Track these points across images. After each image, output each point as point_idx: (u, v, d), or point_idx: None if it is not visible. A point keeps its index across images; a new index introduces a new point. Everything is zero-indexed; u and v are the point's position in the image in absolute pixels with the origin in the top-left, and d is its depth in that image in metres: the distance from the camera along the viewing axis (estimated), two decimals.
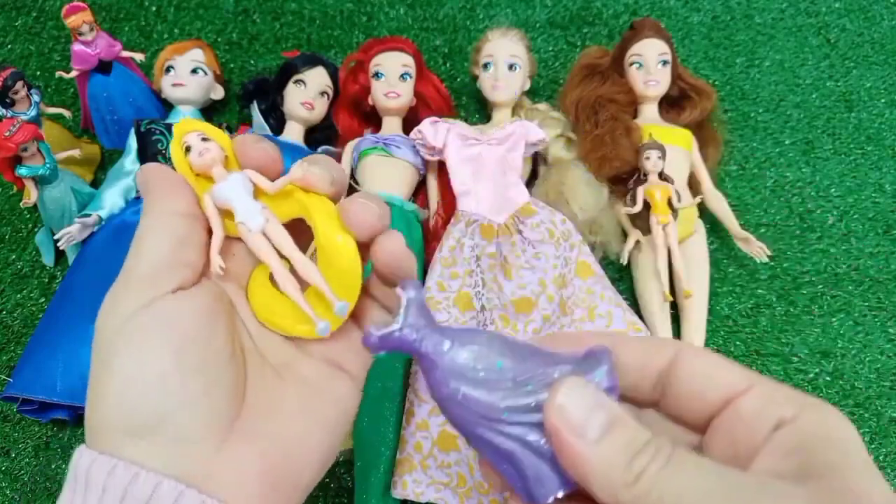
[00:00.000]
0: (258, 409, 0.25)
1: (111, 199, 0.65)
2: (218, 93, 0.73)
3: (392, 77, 0.67)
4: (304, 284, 0.26)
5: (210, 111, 0.76)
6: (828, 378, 0.62)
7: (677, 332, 0.63)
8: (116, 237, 0.63)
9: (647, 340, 0.23)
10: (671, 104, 0.72)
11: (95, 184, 0.70)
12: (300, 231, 0.27)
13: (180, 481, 0.22)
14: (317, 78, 0.68)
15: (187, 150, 0.27)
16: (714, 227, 0.69)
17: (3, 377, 0.61)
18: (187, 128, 0.28)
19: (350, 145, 0.68)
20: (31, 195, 0.61)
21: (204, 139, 0.27)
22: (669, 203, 0.62)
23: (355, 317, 0.28)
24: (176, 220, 0.25)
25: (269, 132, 0.68)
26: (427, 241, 0.66)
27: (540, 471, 0.21)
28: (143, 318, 0.23)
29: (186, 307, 0.24)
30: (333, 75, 0.70)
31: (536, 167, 0.71)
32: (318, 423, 0.26)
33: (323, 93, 0.69)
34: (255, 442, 0.24)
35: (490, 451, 0.22)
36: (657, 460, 0.19)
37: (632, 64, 0.69)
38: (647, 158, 0.63)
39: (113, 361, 0.23)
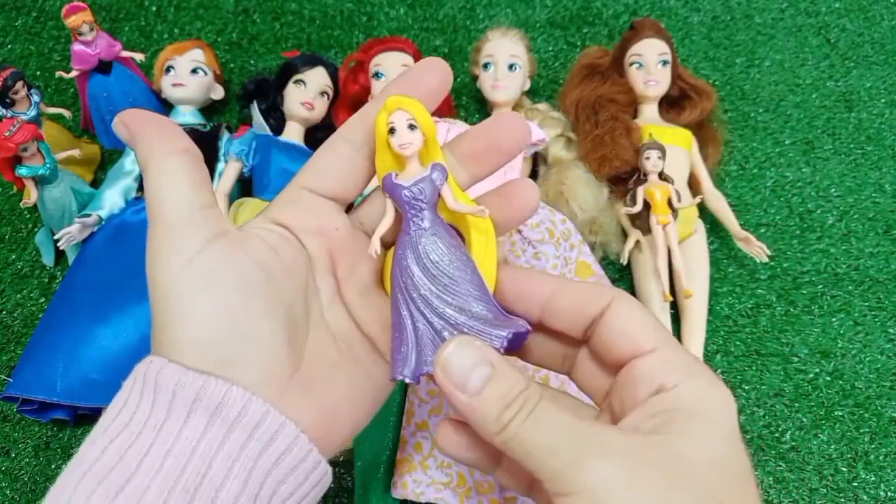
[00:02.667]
0: (316, 370, 0.26)
1: (111, 199, 0.65)
2: (218, 93, 0.73)
3: (392, 77, 0.67)
4: None
5: (210, 111, 0.76)
6: (828, 378, 0.62)
7: (677, 332, 0.63)
8: (116, 237, 0.63)
9: (588, 288, 0.26)
10: (671, 104, 0.72)
11: (95, 184, 0.70)
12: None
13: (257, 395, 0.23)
14: (317, 78, 0.68)
15: (391, 130, 0.27)
16: (714, 227, 0.69)
17: (3, 377, 0.61)
18: (399, 104, 0.27)
19: None
20: (31, 195, 0.61)
21: (412, 126, 0.26)
22: (669, 203, 0.62)
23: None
24: (183, 159, 0.25)
25: (269, 132, 0.68)
26: None
27: (410, 355, 0.26)
28: (202, 261, 0.24)
29: (243, 251, 0.25)
30: (333, 75, 0.70)
31: (536, 167, 0.71)
32: (359, 398, 0.28)
33: (323, 93, 0.69)
34: (311, 398, 0.25)
35: (396, 316, 0.27)
36: (520, 414, 0.22)
37: (632, 64, 0.69)
38: (647, 158, 0.63)
39: (177, 306, 0.23)
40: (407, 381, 0.26)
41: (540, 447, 0.22)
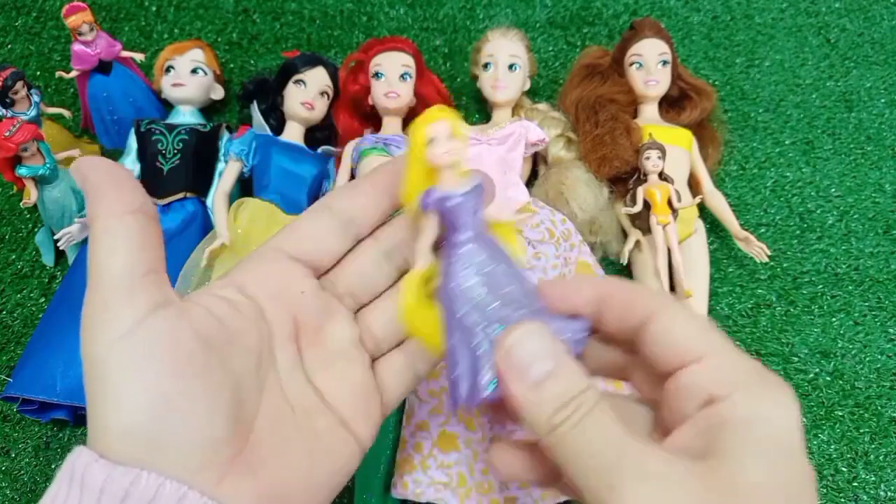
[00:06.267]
0: (266, 447, 0.24)
1: None
2: (218, 93, 0.73)
3: (392, 77, 0.67)
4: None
5: (210, 111, 0.76)
6: (828, 378, 0.62)
7: None
8: None
9: (634, 292, 0.24)
10: (671, 104, 0.72)
11: None
12: None
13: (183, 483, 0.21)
14: (317, 78, 0.68)
15: (431, 140, 0.26)
16: (714, 227, 0.69)
17: (3, 377, 0.61)
18: (438, 116, 0.26)
19: (350, 145, 0.68)
20: (31, 195, 0.61)
21: (450, 137, 0.26)
22: (669, 203, 0.62)
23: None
24: (132, 220, 0.23)
25: (269, 132, 0.68)
26: None
27: (463, 380, 0.24)
28: (138, 336, 0.22)
29: (183, 325, 0.23)
30: (333, 75, 0.70)
31: (536, 167, 0.71)
32: (317, 477, 0.26)
33: (323, 93, 0.69)
34: (257, 480, 0.23)
35: (453, 339, 0.25)
36: (572, 419, 0.21)
37: (632, 64, 0.69)
38: (647, 158, 0.63)
39: (107, 386, 0.21)
40: (464, 406, 0.24)
41: (582, 459, 0.21)
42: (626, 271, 0.66)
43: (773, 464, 0.19)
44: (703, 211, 0.68)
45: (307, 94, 0.68)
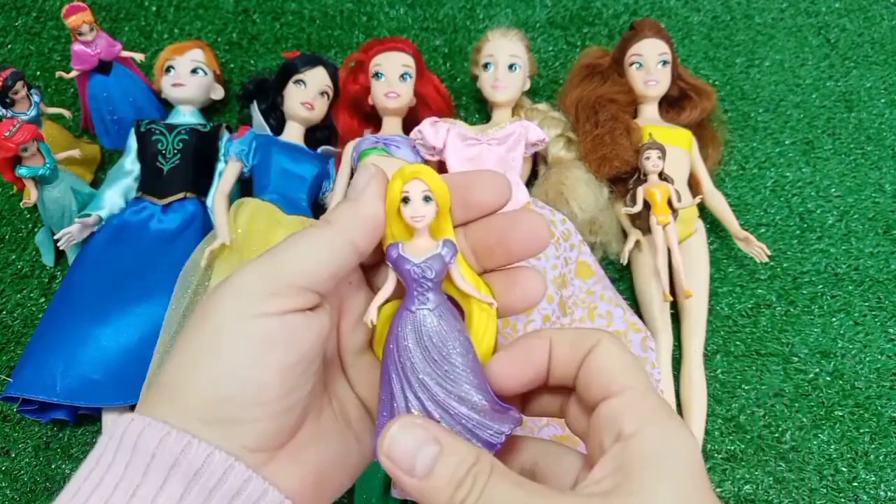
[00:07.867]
0: (308, 436, 0.25)
1: (111, 199, 0.65)
2: (218, 93, 0.73)
3: (392, 77, 0.67)
4: None
5: (210, 111, 0.76)
6: (828, 378, 0.62)
7: (677, 332, 0.63)
8: (116, 237, 0.63)
9: (576, 336, 0.25)
10: (671, 104, 0.72)
11: (95, 184, 0.70)
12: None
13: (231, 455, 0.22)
14: (317, 78, 0.68)
15: (405, 199, 0.25)
16: (714, 227, 0.69)
17: (3, 377, 0.61)
18: (416, 173, 0.26)
19: (350, 145, 0.68)
20: (31, 195, 0.61)
21: (427, 198, 0.25)
22: (669, 203, 0.62)
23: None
24: (348, 250, 0.25)
25: (269, 132, 0.68)
26: None
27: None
28: (272, 324, 0.23)
29: (312, 330, 0.24)
30: (333, 75, 0.70)
31: (536, 167, 0.71)
32: (347, 463, 0.27)
33: (323, 93, 0.69)
34: (298, 465, 0.24)
35: (386, 394, 0.26)
36: (472, 494, 0.21)
37: (632, 64, 0.69)
38: (647, 158, 0.63)
39: (225, 350, 0.22)
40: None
41: None
42: (626, 271, 0.66)
43: (674, 499, 0.20)
44: (703, 211, 0.68)
45: (307, 94, 0.67)
